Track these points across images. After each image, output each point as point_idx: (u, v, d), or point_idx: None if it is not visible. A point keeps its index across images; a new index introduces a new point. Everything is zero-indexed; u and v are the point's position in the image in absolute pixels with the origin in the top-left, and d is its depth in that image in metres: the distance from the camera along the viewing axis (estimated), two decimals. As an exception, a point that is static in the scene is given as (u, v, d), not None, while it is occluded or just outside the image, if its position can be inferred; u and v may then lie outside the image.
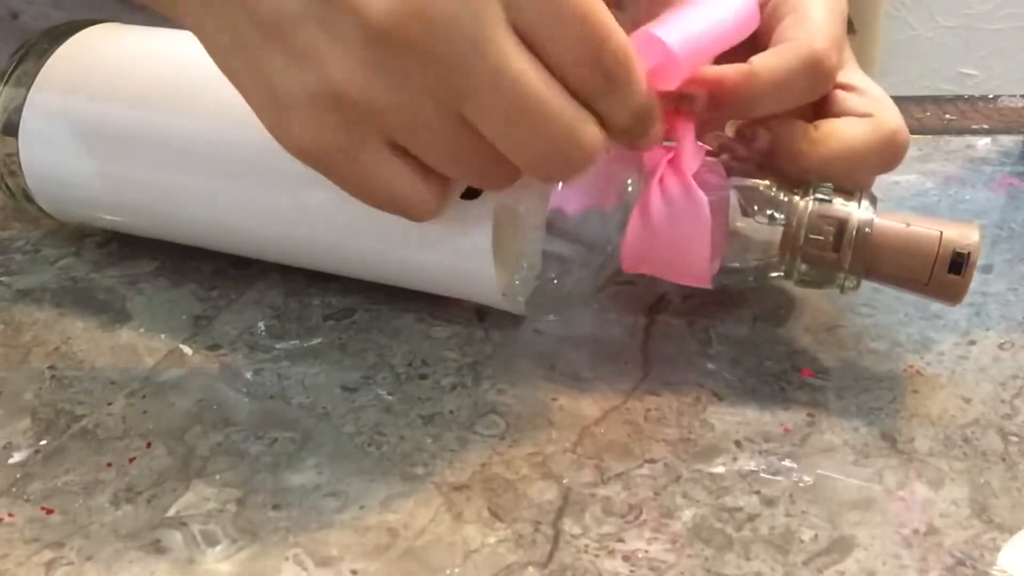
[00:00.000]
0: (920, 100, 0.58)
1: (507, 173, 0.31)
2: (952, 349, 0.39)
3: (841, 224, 0.35)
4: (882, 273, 0.36)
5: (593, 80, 0.30)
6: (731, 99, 0.35)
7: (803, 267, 0.36)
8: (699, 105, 0.35)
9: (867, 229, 0.35)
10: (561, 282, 0.38)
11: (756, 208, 0.36)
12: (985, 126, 0.55)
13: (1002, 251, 0.45)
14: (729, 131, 0.39)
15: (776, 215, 0.36)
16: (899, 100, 0.58)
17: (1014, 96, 0.58)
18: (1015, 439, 0.35)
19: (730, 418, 0.36)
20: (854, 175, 0.37)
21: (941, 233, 0.34)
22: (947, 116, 0.56)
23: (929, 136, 0.54)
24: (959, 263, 0.34)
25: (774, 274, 0.37)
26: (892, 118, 0.38)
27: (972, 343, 0.39)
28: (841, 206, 0.35)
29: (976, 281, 0.43)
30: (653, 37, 0.33)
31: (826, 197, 0.35)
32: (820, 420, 0.36)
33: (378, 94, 0.29)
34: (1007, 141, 0.54)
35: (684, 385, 0.37)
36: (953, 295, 0.35)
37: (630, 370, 0.38)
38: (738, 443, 0.35)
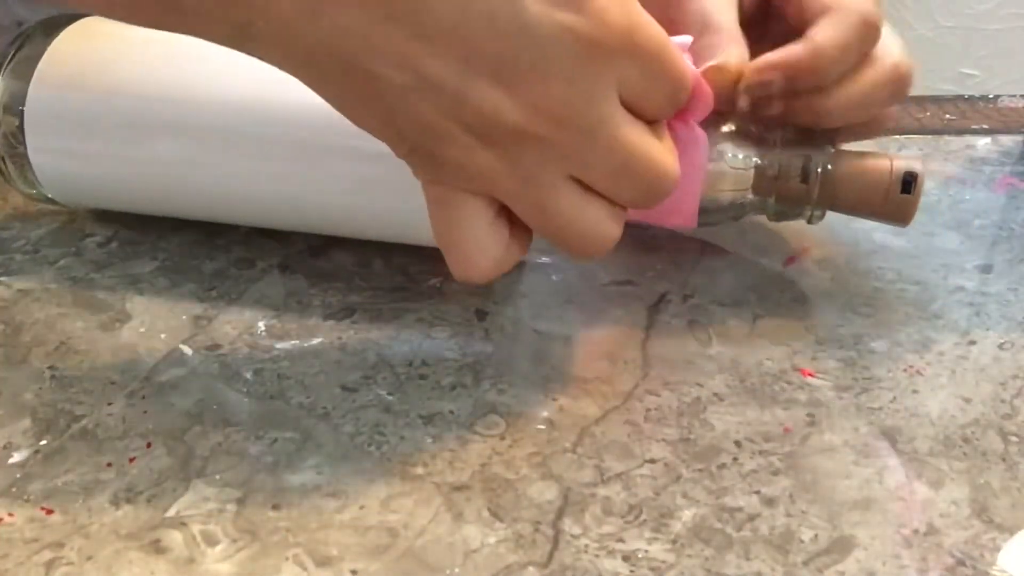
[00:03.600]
0: (920, 100, 0.58)
1: (611, 219, 0.34)
2: (952, 349, 0.39)
3: (807, 160, 0.40)
4: (844, 201, 0.40)
5: (670, 107, 0.34)
6: (807, 76, 0.38)
7: (775, 202, 0.40)
8: (776, 88, 0.39)
9: (829, 165, 0.39)
10: None
11: (730, 152, 0.40)
12: (985, 126, 0.55)
13: (1002, 251, 0.45)
14: (742, 102, 0.41)
15: (749, 157, 0.40)
16: (899, 100, 0.58)
17: (1014, 96, 0.58)
18: (1015, 439, 0.35)
19: (730, 418, 0.36)
20: (869, 113, 0.40)
21: (891, 161, 0.40)
22: (947, 116, 0.56)
23: (929, 136, 0.54)
24: (909, 182, 0.39)
25: (750, 210, 0.41)
26: (889, 52, 0.40)
27: (972, 343, 0.39)
28: (806, 145, 0.40)
29: (976, 281, 0.43)
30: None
31: (792, 138, 0.40)
32: (820, 420, 0.36)
33: (489, 163, 0.32)
34: (1007, 141, 0.54)
35: (684, 385, 0.37)
36: (905, 214, 0.40)
37: (630, 370, 0.38)
38: (738, 443, 0.35)
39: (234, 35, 0.30)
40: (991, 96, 0.58)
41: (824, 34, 0.38)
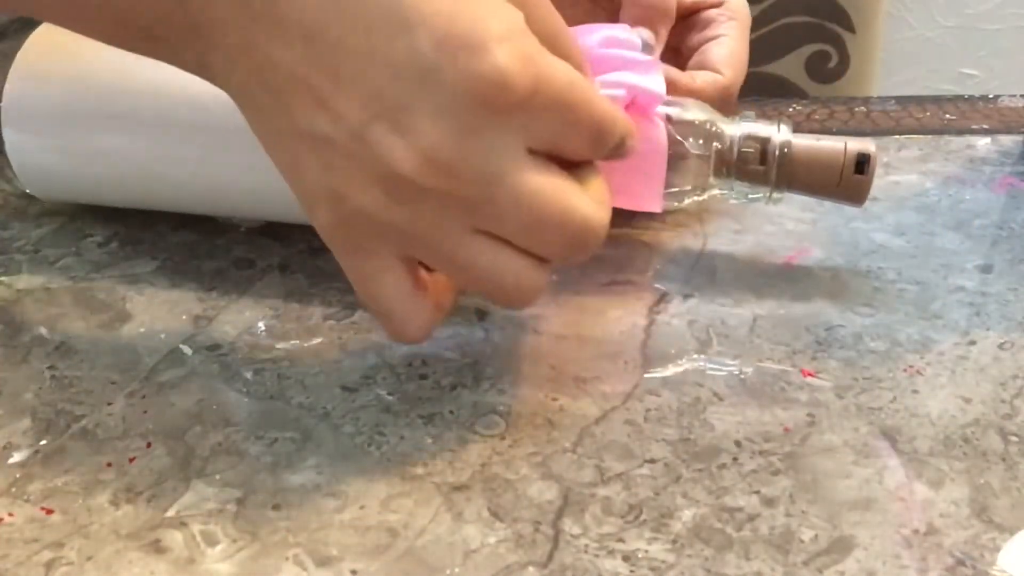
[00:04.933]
0: (920, 100, 0.58)
1: (531, 270, 0.33)
2: (952, 349, 0.39)
3: (765, 143, 0.41)
4: (801, 181, 0.42)
5: (593, 153, 0.33)
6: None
7: (735, 184, 0.42)
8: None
9: (786, 148, 0.41)
10: None
11: (692, 138, 0.41)
12: (985, 126, 0.55)
13: (1002, 251, 0.45)
14: None
15: (710, 142, 0.42)
16: (899, 100, 0.58)
17: (1014, 96, 0.58)
18: (1015, 439, 0.35)
19: (730, 418, 0.36)
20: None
21: (846, 143, 0.41)
22: (947, 116, 0.56)
23: (929, 136, 0.54)
24: (863, 163, 0.41)
25: (712, 192, 0.43)
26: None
27: (972, 343, 0.39)
28: (763, 129, 0.42)
29: (976, 281, 0.43)
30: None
31: (750, 123, 0.42)
32: (820, 420, 0.36)
33: (394, 216, 0.31)
34: (1007, 141, 0.54)
35: (684, 385, 0.37)
36: (859, 194, 0.41)
37: (630, 370, 0.38)
38: (738, 443, 0.35)
39: (194, 64, 0.33)
40: (991, 96, 0.58)
41: (704, 79, 0.45)
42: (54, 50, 0.43)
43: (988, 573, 0.30)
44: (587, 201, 0.32)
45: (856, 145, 0.41)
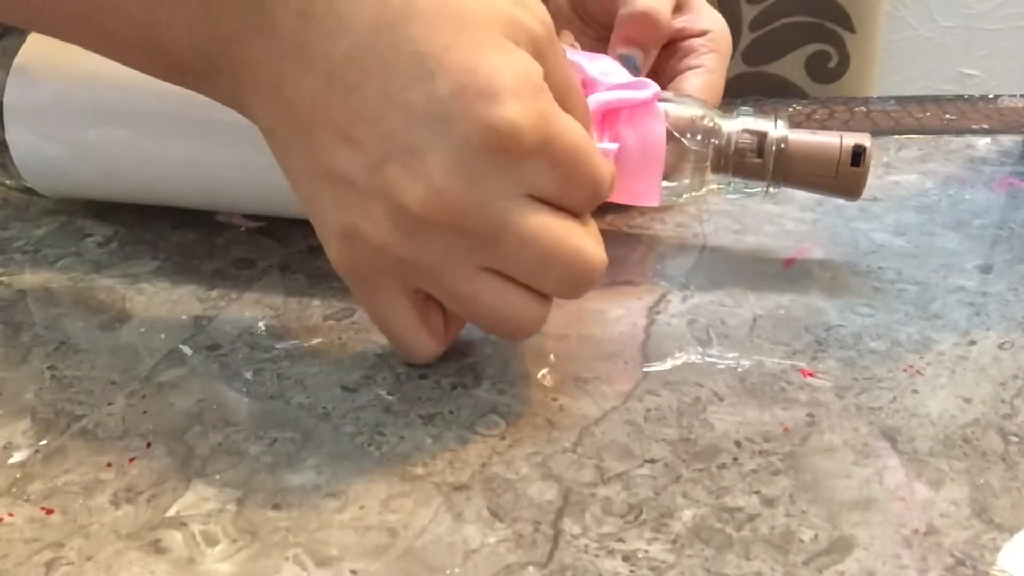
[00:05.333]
0: (920, 100, 0.58)
1: (534, 304, 0.35)
2: (952, 349, 0.39)
3: (762, 138, 0.42)
4: (798, 175, 0.42)
5: (587, 207, 0.34)
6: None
7: (733, 178, 0.43)
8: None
9: (783, 142, 0.42)
10: None
11: (689, 134, 0.42)
12: (985, 126, 0.55)
13: (1002, 251, 0.45)
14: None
15: (707, 138, 0.42)
16: (899, 100, 0.58)
17: (1014, 96, 0.58)
18: (1015, 439, 0.35)
19: (730, 418, 0.36)
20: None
21: (841, 136, 0.42)
22: (947, 116, 0.56)
23: (929, 136, 0.54)
24: (859, 155, 0.41)
25: (710, 186, 0.43)
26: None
27: (972, 343, 0.39)
28: (761, 124, 0.42)
29: (976, 281, 0.43)
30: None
31: (747, 118, 0.42)
32: (820, 420, 0.36)
33: (404, 251, 0.33)
34: (1007, 141, 0.54)
35: (684, 385, 0.37)
36: (855, 186, 0.42)
37: (630, 370, 0.38)
38: (738, 443, 0.35)
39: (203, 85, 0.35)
40: (991, 96, 0.58)
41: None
42: (56, 46, 0.43)
43: (988, 573, 0.30)
44: (589, 241, 0.34)
45: (852, 138, 0.42)
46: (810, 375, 0.38)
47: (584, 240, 0.34)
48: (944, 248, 0.45)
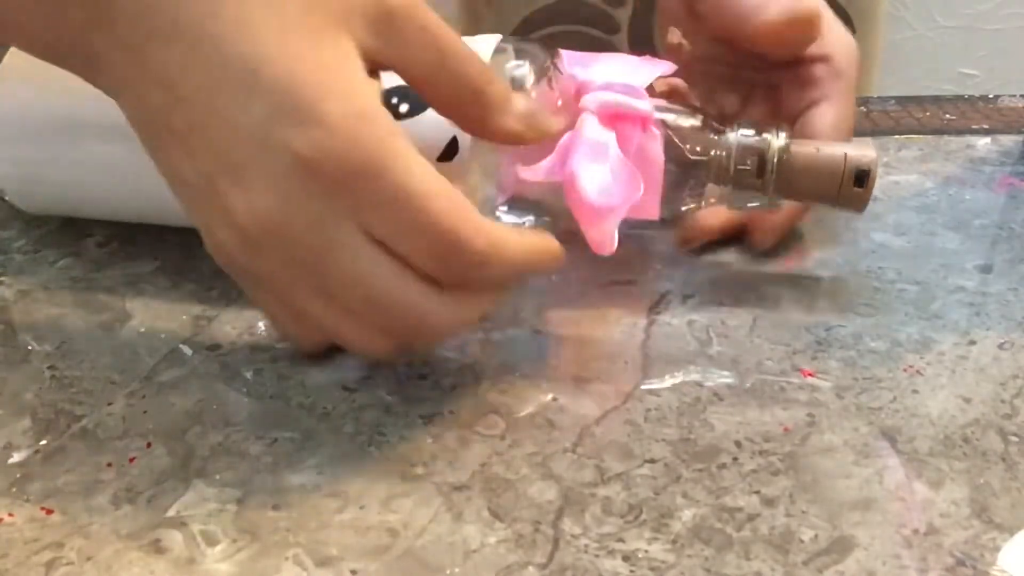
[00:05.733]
0: (920, 100, 0.58)
1: (376, 337, 0.34)
2: (952, 349, 0.39)
3: (763, 153, 0.40)
4: (799, 191, 0.41)
5: (450, 275, 0.32)
6: None
7: (733, 192, 0.41)
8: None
9: (785, 156, 0.40)
10: None
11: (690, 146, 0.41)
12: (985, 126, 0.55)
13: (1002, 251, 0.45)
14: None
15: (708, 150, 0.41)
16: (899, 100, 0.58)
17: (1014, 96, 0.58)
18: (1015, 439, 0.35)
19: (730, 418, 0.36)
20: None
21: (846, 154, 0.40)
22: (947, 116, 0.56)
23: (929, 136, 0.54)
24: (863, 177, 0.40)
25: (710, 199, 0.42)
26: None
27: (972, 343, 0.39)
28: (762, 138, 0.41)
29: (976, 281, 0.43)
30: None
31: (748, 131, 0.41)
32: (820, 420, 0.36)
33: (246, 262, 0.32)
34: (1007, 141, 0.54)
35: (684, 385, 0.37)
36: (858, 204, 0.40)
37: (630, 370, 0.38)
38: (738, 443, 0.35)
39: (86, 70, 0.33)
40: (991, 96, 0.58)
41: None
42: (35, 61, 0.42)
43: (988, 573, 0.30)
44: (429, 299, 0.32)
45: (856, 156, 0.40)
46: (810, 375, 0.38)
47: (423, 297, 0.32)
48: (944, 248, 0.45)
